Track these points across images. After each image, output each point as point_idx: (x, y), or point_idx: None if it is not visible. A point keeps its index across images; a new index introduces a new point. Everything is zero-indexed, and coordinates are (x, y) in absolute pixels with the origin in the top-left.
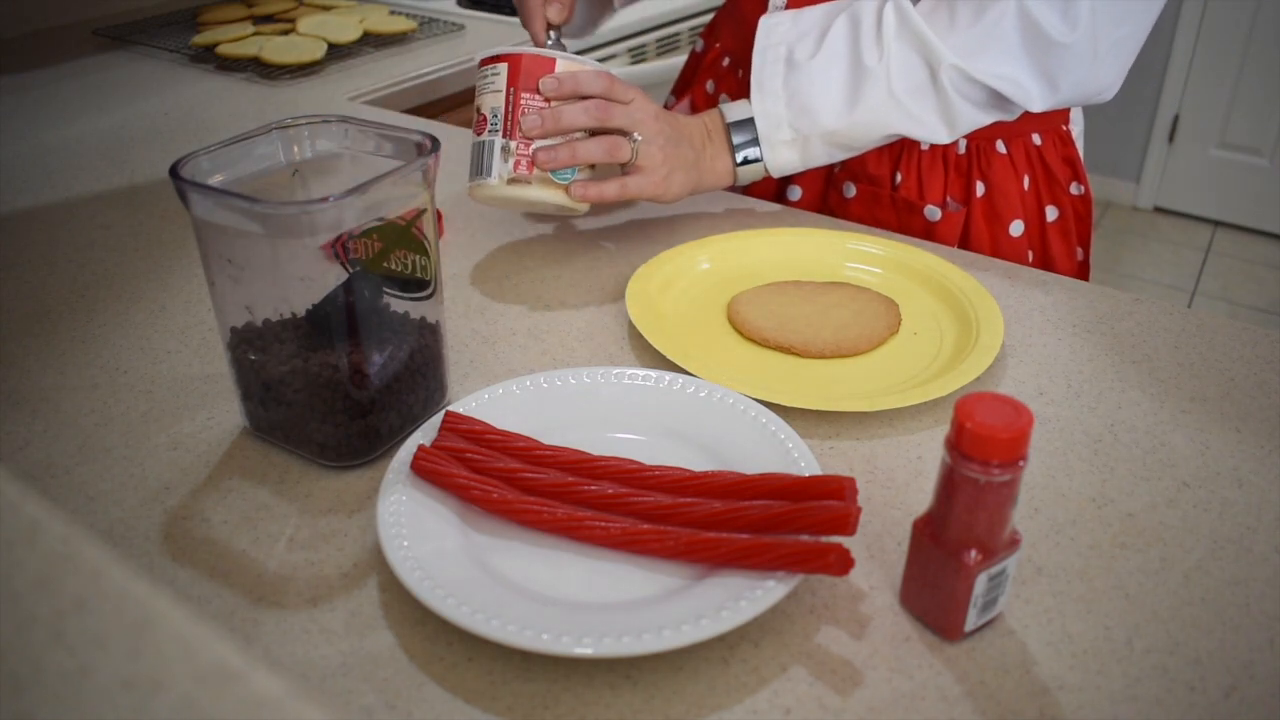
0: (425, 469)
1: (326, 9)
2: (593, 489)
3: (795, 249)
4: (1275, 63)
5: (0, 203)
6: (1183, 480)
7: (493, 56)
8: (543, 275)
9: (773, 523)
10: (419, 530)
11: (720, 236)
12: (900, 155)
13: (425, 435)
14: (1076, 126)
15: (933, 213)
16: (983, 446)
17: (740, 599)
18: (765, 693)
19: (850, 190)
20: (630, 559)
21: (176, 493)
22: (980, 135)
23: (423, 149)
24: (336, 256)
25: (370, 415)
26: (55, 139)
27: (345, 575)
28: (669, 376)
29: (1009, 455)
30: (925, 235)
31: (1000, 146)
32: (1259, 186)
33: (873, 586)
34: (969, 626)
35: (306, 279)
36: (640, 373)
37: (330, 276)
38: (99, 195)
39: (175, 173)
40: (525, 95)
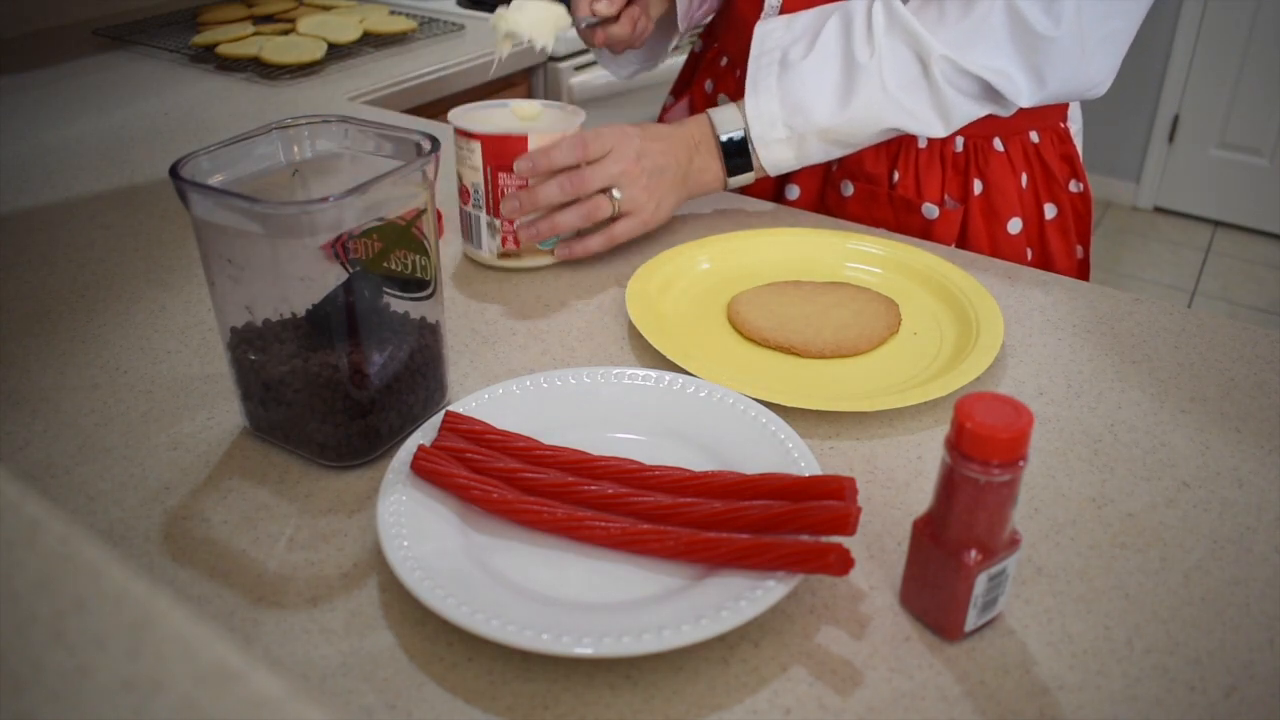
0: (425, 469)
1: (326, 9)
2: (593, 489)
3: (795, 249)
4: (1275, 63)
5: (0, 203)
6: (1183, 480)
7: (466, 132)
8: (543, 275)
9: (773, 523)
10: (419, 530)
11: (720, 236)
12: (898, 153)
13: (425, 435)
14: (1075, 124)
15: (930, 211)
16: (983, 446)
17: (740, 599)
18: (765, 693)
19: (848, 189)
20: (630, 559)
21: (176, 493)
22: (977, 133)
23: (422, 149)
24: (336, 256)
25: (370, 415)
26: (55, 139)
27: (345, 575)
28: (669, 376)
29: (1009, 455)
30: (923, 233)
31: (998, 144)
32: (1259, 186)
33: (873, 586)
34: (969, 626)
35: (306, 279)
36: (640, 373)
37: (330, 276)
38: (99, 195)
39: (175, 173)
40: (502, 175)
